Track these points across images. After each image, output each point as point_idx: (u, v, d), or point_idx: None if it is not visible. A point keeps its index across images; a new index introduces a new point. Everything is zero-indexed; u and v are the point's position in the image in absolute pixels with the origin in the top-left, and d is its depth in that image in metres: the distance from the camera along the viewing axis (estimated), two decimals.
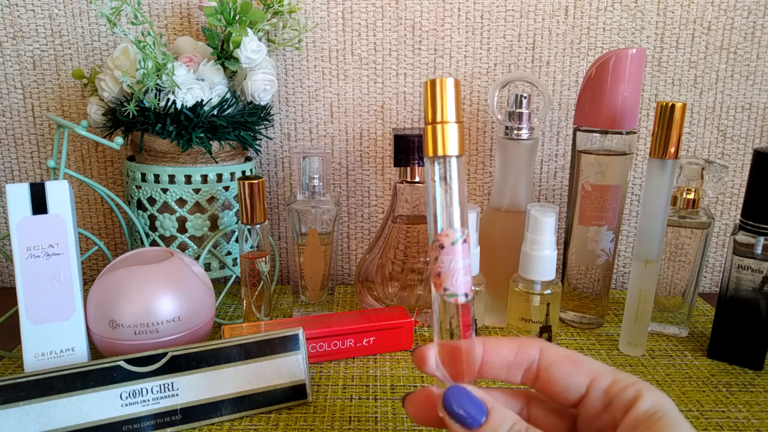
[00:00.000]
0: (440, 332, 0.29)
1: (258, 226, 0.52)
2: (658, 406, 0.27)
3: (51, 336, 0.42)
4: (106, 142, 0.50)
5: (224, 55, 0.55)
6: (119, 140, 0.51)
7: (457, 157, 0.28)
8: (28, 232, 0.42)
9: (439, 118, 0.28)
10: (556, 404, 0.31)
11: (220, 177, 0.56)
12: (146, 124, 0.52)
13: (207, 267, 0.58)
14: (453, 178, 0.28)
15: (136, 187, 0.56)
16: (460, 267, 0.28)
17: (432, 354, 0.30)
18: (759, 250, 0.47)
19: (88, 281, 0.68)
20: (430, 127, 0.28)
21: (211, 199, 0.56)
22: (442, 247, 0.28)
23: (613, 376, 0.29)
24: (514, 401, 0.32)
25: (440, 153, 0.28)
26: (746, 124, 0.65)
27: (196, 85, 0.52)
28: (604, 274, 0.56)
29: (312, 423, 0.41)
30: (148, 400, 0.39)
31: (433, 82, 0.28)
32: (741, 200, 0.67)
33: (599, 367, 0.30)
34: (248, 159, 0.61)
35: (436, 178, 0.28)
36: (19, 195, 0.42)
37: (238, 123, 0.55)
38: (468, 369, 0.29)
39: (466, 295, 0.29)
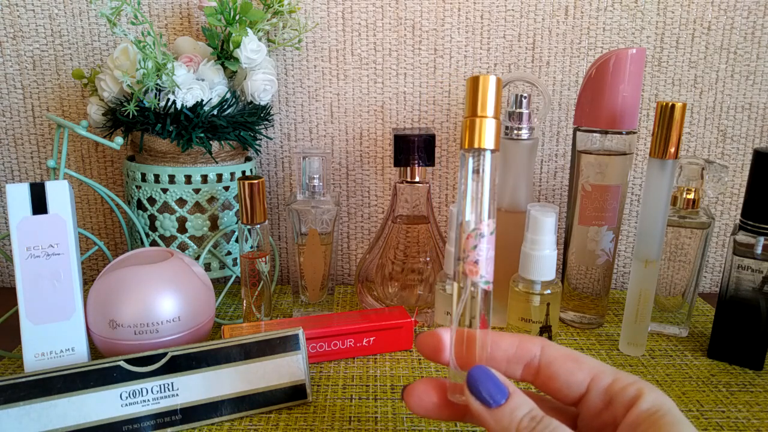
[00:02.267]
0: (461, 321, 0.30)
1: (258, 226, 0.52)
2: (659, 404, 0.27)
3: (51, 336, 0.42)
4: (106, 142, 0.50)
5: (224, 55, 0.55)
6: (119, 140, 0.51)
7: (492, 151, 0.29)
8: (28, 232, 0.42)
9: (478, 112, 0.29)
10: (557, 403, 0.31)
11: (220, 177, 0.56)
12: (146, 124, 0.52)
13: (207, 267, 0.58)
14: (486, 172, 0.29)
15: (136, 187, 0.56)
16: (492, 256, 0.30)
17: (448, 341, 0.31)
18: (759, 250, 0.47)
19: (88, 281, 0.68)
20: (468, 120, 0.29)
21: (211, 199, 0.56)
22: (482, 236, 0.29)
23: (613, 374, 0.29)
24: None
25: (476, 146, 0.29)
26: (746, 124, 0.65)
27: (196, 85, 0.52)
28: (604, 274, 0.56)
29: (312, 423, 0.41)
30: (148, 400, 0.39)
31: (476, 78, 0.29)
32: (741, 200, 0.67)
33: (600, 365, 0.30)
34: (248, 159, 0.61)
35: (470, 170, 0.29)
36: (19, 195, 0.42)
37: (238, 123, 0.55)
38: (481, 358, 0.30)
39: (491, 284, 0.30)
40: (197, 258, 0.56)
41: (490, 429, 0.28)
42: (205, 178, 0.55)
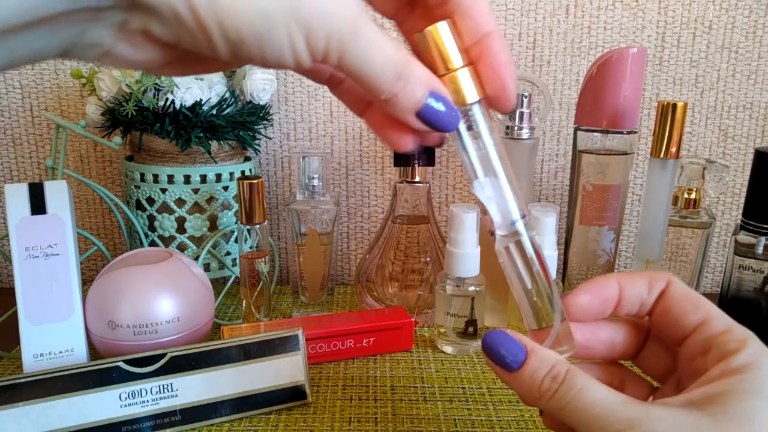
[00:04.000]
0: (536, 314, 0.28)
1: (257, 226, 0.51)
2: (750, 364, 0.24)
3: (50, 336, 0.42)
4: (104, 142, 0.50)
5: None
6: (118, 140, 0.50)
7: (480, 101, 0.26)
8: (27, 232, 0.42)
9: (440, 70, 0.25)
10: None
11: (219, 177, 0.56)
12: (145, 123, 0.52)
13: (206, 267, 0.57)
14: (481, 126, 0.27)
15: (135, 187, 0.56)
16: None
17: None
18: (760, 250, 0.47)
19: (87, 281, 0.67)
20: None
21: (210, 199, 0.56)
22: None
23: (726, 325, 0.27)
24: (627, 328, 0.31)
25: (458, 104, 0.26)
26: (747, 123, 0.65)
27: (194, 84, 0.52)
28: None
29: (312, 423, 0.41)
30: (148, 401, 0.39)
31: (425, 33, 0.25)
32: (742, 200, 0.66)
33: (717, 313, 0.28)
34: (247, 159, 0.61)
35: (464, 132, 0.27)
36: (17, 195, 0.42)
37: (237, 123, 0.55)
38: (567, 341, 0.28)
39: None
40: (196, 258, 0.56)
41: (516, 392, 0.27)
42: (204, 178, 0.55)
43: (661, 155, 0.47)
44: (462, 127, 0.27)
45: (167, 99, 0.51)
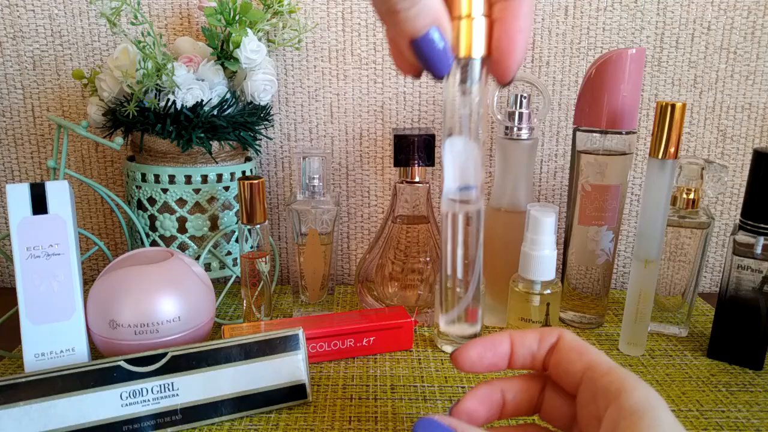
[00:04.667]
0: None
1: (258, 226, 0.52)
2: (641, 403, 0.26)
3: (51, 336, 0.42)
4: (106, 142, 0.50)
5: (224, 55, 0.55)
6: (119, 140, 0.51)
7: (482, 59, 0.25)
8: (29, 232, 0.42)
9: (463, 12, 0.24)
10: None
11: (220, 177, 0.56)
12: (146, 124, 0.52)
13: (207, 267, 0.58)
14: (474, 83, 0.26)
15: (137, 187, 0.56)
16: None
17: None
18: (759, 249, 0.47)
19: (88, 281, 0.68)
20: (454, 23, 0.25)
21: (211, 199, 0.57)
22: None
23: (608, 369, 0.29)
24: (532, 384, 0.33)
25: (462, 55, 0.25)
26: (746, 124, 0.65)
27: (196, 85, 0.52)
28: (604, 274, 0.56)
29: (312, 423, 0.41)
30: (149, 400, 0.39)
31: None
32: (741, 200, 0.67)
33: (599, 359, 0.29)
34: (248, 159, 0.61)
35: (455, 83, 0.26)
36: (19, 195, 0.42)
37: (238, 123, 0.55)
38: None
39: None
40: (197, 258, 0.56)
41: None
42: (205, 179, 0.55)
43: (660, 155, 0.47)
44: (455, 77, 0.26)
45: (168, 100, 0.51)
